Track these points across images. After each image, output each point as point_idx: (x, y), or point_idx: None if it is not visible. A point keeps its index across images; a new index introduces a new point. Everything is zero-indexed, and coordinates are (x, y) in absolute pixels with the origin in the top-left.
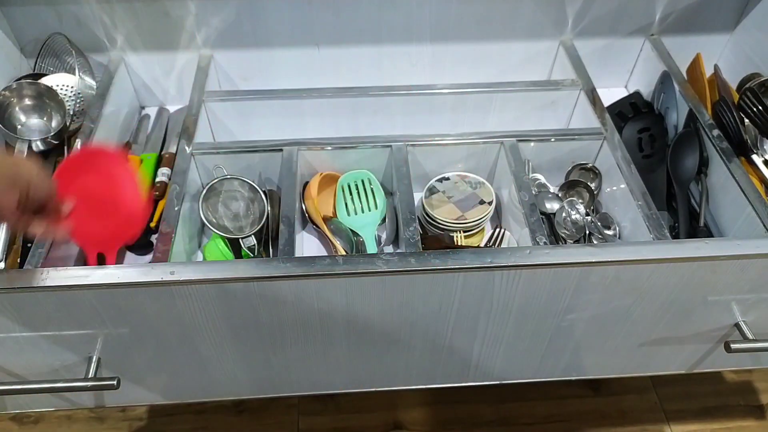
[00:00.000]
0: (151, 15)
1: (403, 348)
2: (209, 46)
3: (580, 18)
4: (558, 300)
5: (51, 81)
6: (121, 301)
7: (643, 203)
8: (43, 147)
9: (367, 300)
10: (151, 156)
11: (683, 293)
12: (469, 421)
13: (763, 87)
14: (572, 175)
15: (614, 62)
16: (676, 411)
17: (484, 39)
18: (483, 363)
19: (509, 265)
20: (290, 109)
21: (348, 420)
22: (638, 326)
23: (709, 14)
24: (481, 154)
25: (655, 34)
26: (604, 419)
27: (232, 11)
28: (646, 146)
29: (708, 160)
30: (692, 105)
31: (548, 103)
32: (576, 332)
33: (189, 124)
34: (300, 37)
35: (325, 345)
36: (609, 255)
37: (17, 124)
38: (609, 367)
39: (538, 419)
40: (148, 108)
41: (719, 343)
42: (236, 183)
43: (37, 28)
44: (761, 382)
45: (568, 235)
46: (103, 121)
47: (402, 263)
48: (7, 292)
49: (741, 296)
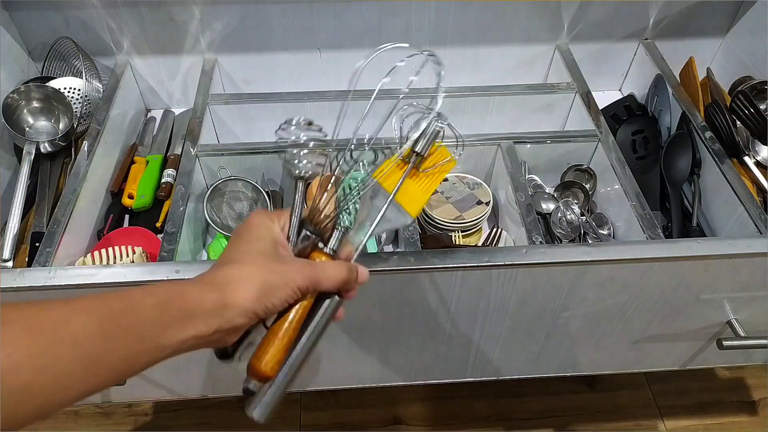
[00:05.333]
0: (157, 20)
1: (403, 345)
2: (213, 50)
3: (575, 23)
4: (554, 298)
5: (58, 84)
6: None
7: (637, 203)
8: (50, 149)
9: (368, 297)
10: (156, 157)
11: (676, 292)
12: (467, 416)
13: (755, 90)
14: (568, 176)
15: (609, 66)
16: (669, 407)
17: (482, 43)
18: (480, 359)
19: (506, 264)
20: (292, 111)
21: (349, 415)
22: (632, 324)
23: (701, 19)
24: (478, 156)
25: (648, 38)
26: (599, 414)
27: (235, 16)
28: (640, 148)
29: (701, 161)
30: (685, 107)
31: (544, 106)
32: (571, 329)
33: (194, 127)
34: (302, 42)
35: (327, 342)
36: (603, 254)
37: (25, 126)
38: (604, 363)
39: (534, 414)
40: (153, 110)
41: (712, 340)
42: (240, 184)
43: (44, 33)
44: (753, 378)
45: (564, 234)
46: (109, 123)
47: (401, 262)
48: (16, 291)
49: (733, 294)
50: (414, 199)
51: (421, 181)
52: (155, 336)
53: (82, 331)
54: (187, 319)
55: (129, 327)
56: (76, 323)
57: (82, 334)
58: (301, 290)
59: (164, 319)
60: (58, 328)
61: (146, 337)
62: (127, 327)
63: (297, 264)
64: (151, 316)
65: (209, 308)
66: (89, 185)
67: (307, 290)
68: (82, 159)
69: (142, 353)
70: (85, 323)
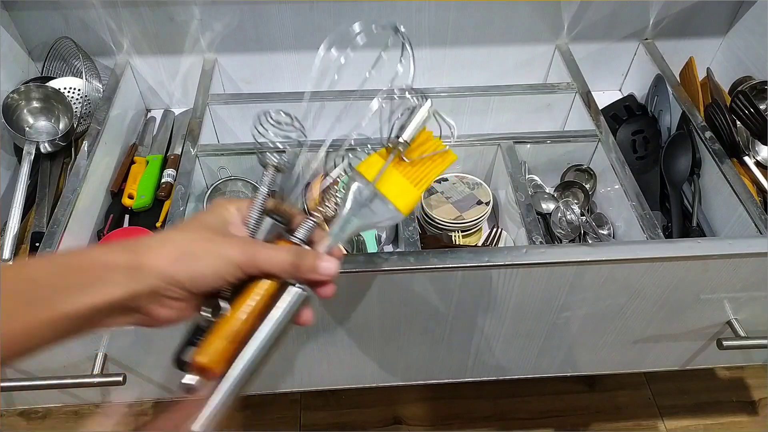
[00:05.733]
0: (157, 20)
1: (403, 345)
2: (213, 50)
3: (575, 23)
4: (553, 298)
5: (58, 84)
6: None
7: (636, 203)
8: (50, 149)
9: (368, 297)
10: (156, 157)
11: (676, 291)
12: (466, 416)
13: (755, 90)
14: (568, 176)
15: (609, 66)
16: (669, 407)
17: (482, 43)
18: (480, 359)
19: (506, 263)
20: (292, 111)
21: (349, 415)
22: (632, 324)
23: (701, 19)
24: (478, 156)
25: (648, 38)
26: (599, 414)
27: (235, 16)
28: (640, 148)
29: (700, 161)
30: (685, 107)
31: (544, 106)
32: (571, 329)
33: (194, 127)
34: (302, 42)
35: (327, 342)
36: (603, 254)
37: (25, 126)
38: (603, 363)
39: (534, 414)
40: (153, 110)
41: (712, 340)
42: (240, 184)
43: (44, 33)
44: (753, 378)
45: (564, 234)
46: (109, 123)
47: (401, 262)
48: None
49: (733, 294)
50: (402, 191)
51: (411, 173)
52: (54, 302)
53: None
54: (94, 283)
55: (21, 293)
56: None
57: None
58: (240, 266)
59: (64, 282)
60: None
61: (42, 303)
62: (20, 294)
63: (238, 239)
64: (48, 280)
65: (120, 270)
66: (89, 185)
67: (246, 268)
68: (82, 159)
69: (44, 323)
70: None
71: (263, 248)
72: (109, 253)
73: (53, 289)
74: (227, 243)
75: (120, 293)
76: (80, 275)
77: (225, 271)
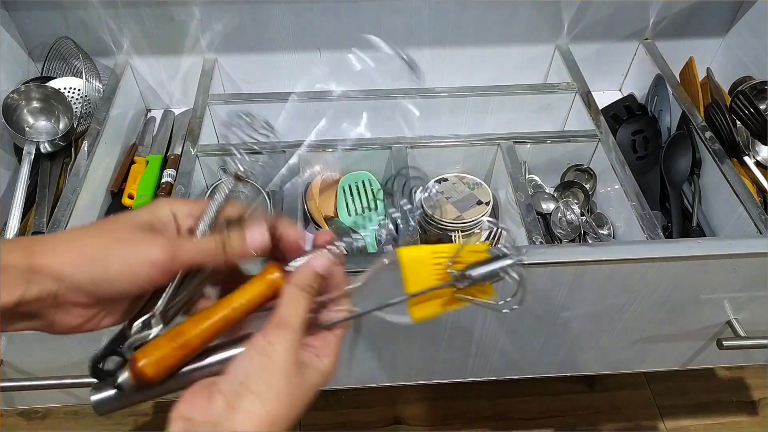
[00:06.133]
0: (157, 20)
1: (403, 345)
2: (213, 51)
3: (575, 23)
4: (553, 298)
5: (58, 84)
6: None
7: (636, 203)
8: (50, 149)
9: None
10: (156, 157)
11: (676, 291)
12: (467, 416)
13: (755, 90)
14: (567, 176)
15: (609, 66)
16: (669, 407)
17: (482, 43)
18: (480, 359)
19: None
20: (292, 111)
21: (349, 415)
22: (632, 324)
23: (701, 19)
24: (478, 156)
25: (648, 38)
26: (599, 414)
27: (235, 16)
28: (640, 148)
29: (700, 161)
30: (685, 107)
31: (544, 106)
32: (571, 329)
33: (194, 126)
34: (302, 42)
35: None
36: (603, 254)
37: (25, 126)
38: (604, 363)
39: (534, 414)
40: (153, 110)
41: (712, 340)
42: (240, 184)
43: (44, 33)
44: (753, 378)
45: (564, 234)
46: (109, 123)
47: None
48: None
49: (733, 294)
50: (428, 306)
51: (444, 297)
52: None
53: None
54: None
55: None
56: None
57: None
58: (159, 266)
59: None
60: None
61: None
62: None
63: (160, 237)
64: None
65: (13, 271)
66: (89, 185)
67: (168, 265)
68: (82, 159)
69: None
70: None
71: (188, 241)
72: (5, 252)
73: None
74: (145, 242)
75: (11, 298)
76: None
77: (137, 273)
